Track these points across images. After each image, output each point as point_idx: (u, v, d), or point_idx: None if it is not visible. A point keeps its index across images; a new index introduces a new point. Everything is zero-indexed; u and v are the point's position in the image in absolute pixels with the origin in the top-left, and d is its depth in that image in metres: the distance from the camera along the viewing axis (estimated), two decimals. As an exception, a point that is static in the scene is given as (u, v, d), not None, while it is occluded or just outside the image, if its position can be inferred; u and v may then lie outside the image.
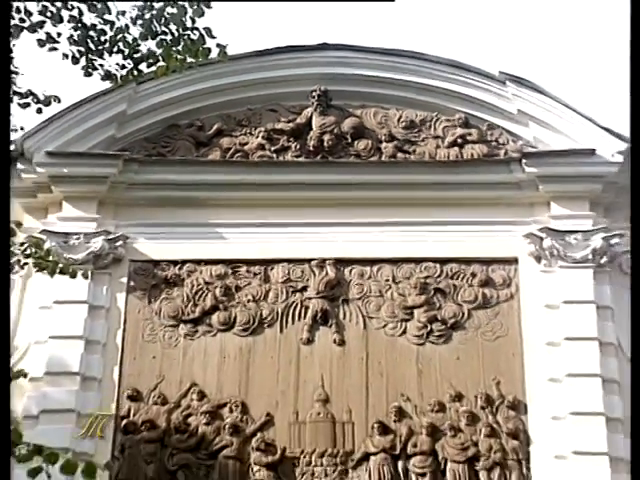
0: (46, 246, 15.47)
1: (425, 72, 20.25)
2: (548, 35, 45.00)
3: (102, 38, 12.13)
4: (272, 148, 19.95)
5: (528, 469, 17.88)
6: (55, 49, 12.44)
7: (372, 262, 19.43)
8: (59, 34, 12.54)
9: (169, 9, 12.30)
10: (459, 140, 19.95)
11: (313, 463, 18.12)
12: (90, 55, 12.53)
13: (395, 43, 24.21)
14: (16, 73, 13.51)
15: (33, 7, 12.40)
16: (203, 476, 18.02)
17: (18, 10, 12.25)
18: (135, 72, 12.98)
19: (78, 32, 12.27)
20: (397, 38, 41.95)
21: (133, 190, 19.61)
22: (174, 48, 12.44)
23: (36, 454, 11.17)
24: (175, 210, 19.58)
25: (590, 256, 18.90)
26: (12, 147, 17.38)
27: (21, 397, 17.76)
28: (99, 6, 12.04)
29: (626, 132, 19.13)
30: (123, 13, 12.32)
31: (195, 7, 12.30)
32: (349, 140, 20.04)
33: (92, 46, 12.29)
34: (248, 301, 19.16)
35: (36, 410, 17.76)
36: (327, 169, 19.73)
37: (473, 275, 19.29)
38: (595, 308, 18.66)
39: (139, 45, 12.40)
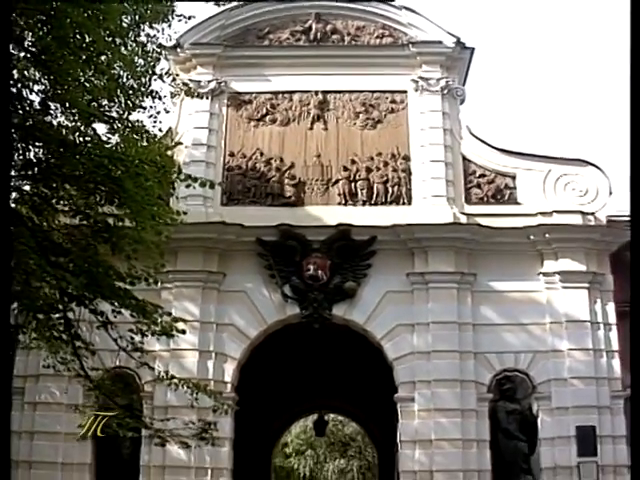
0: (190, 85, 15.67)
1: (365, 4, 20.36)
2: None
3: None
4: (292, 38, 20.16)
5: (410, 186, 18.73)
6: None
7: (340, 92, 19.71)
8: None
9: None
10: (380, 35, 20.15)
11: (313, 184, 18.88)
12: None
13: None
14: (174, 8, 13.26)
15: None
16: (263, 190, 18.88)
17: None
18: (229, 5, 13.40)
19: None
20: None
21: (228, 59, 19.83)
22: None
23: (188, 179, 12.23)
24: (247, 67, 19.82)
25: (439, 89, 19.33)
26: (173, 41, 16.98)
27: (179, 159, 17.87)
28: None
29: (456, 32, 19.79)
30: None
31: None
32: (329, 35, 20.20)
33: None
34: (283, 110, 19.54)
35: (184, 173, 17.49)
36: (319, 48, 20.02)
37: (386, 98, 19.54)
38: (442, 114, 19.18)
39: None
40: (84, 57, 10.58)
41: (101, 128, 11.47)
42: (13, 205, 10.95)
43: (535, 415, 17.19)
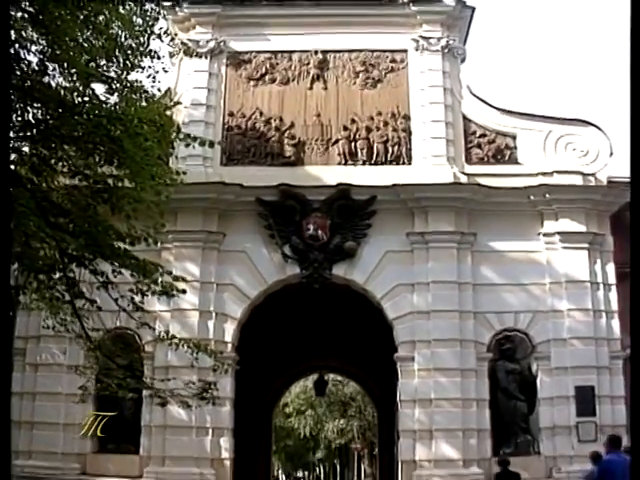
0: (188, 44, 15.32)
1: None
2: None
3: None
4: (292, -4, 19.81)
5: (410, 146, 18.67)
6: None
7: (340, 51, 19.50)
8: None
9: None
10: (381, -7, 19.83)
11: (313, 144, 18.78)
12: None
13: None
14: None
15: None
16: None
17: None
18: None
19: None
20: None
21: (227, 18, 19.57)
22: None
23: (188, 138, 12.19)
24: (246, 27, 19.63)
25: (439, 48, 19.09)
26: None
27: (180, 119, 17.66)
28: None
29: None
30: None
31: None
32: (328, -6, 19.90)
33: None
34: (282, 69, 19.35)
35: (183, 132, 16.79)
36: (319, 7, 19.59)
37: (386, 57, 19.39)
38: (442, 73, 19.04)
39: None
40: (82, 17, 10.50)
41: (100, 88, 11.39)
42: (12, 166, 10.93)
43: (534, 375, 17.40)
